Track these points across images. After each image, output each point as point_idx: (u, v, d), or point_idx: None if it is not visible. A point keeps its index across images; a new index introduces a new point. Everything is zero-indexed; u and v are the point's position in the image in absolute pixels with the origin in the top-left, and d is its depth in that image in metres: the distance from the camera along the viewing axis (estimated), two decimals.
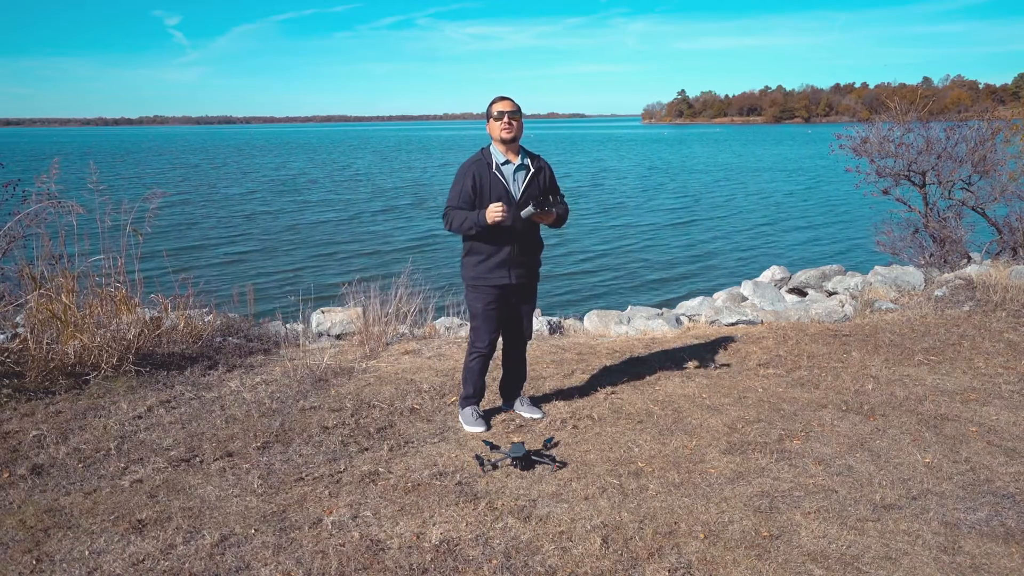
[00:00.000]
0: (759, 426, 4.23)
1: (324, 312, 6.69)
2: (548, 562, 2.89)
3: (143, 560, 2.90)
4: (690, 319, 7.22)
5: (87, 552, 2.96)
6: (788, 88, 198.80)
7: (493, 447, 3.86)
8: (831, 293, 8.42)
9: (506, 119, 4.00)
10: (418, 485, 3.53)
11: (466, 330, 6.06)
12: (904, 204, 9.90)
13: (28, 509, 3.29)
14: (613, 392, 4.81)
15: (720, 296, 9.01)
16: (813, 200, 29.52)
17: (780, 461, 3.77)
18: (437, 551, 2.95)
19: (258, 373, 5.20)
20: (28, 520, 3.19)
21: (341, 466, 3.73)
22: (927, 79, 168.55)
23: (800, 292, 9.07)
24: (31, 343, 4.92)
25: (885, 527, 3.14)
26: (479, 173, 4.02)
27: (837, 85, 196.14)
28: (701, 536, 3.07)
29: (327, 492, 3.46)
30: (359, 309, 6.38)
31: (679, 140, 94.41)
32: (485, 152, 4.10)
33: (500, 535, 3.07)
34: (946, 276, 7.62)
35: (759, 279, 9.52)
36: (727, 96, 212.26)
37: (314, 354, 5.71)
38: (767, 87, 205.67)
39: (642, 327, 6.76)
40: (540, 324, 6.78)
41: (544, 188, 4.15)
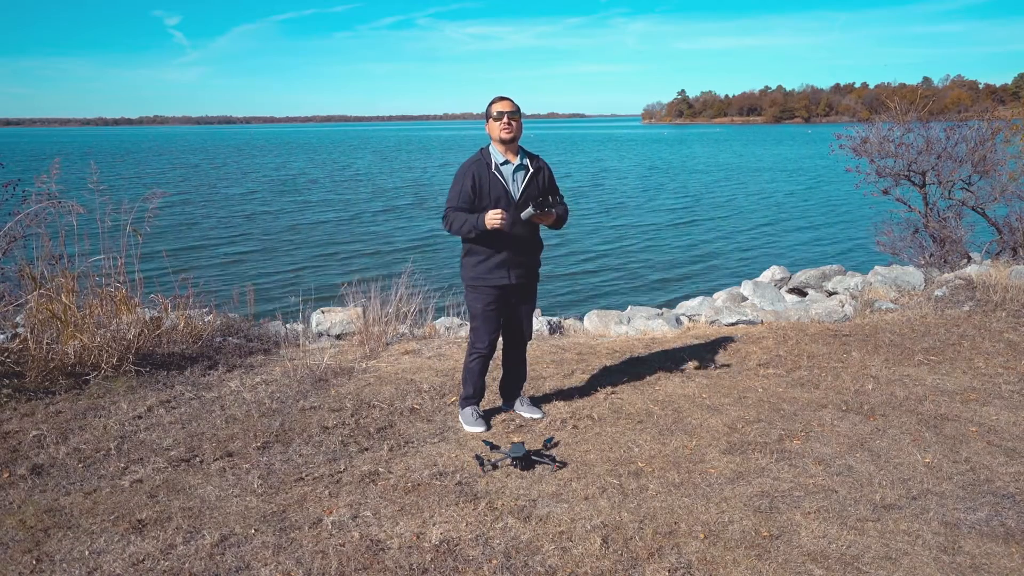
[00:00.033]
0: (759, 426, 4.23)
1: (324, 312, 6.70)
2: (548, 562, 2.89)
3: (143, 560, 2.90)
4: (690, 319, 7.22)
5: (87, 552, 2.96)
6: (788, 88, 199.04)
7: (493, 447, 3.86)
8: (831, 293, 8.42)
9: (505, 119, 4.00)
10: (418, 485, 3.53)
11: (466, 330, 6.06)
12: (904, 204, 9.91)
13: (28, 509, 3.29)
14: (613, 392, 4.81)
15: (720, 296, 9.01)
16: (813, 200, 29.51)
17: (780, 461, 3.77)
18: (437, 551, 2.95)
19: (258, 373, 5.20)
20: (28, 520, 3.20)
21: (341, 466, 3.73)
22: (927, 79, 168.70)
23: (800, 292, 9.07)
24: (31, 343, 4.92)
25: (885, 527, 3.14)
26: (479, 173, 4.02)
27: (837, 85, 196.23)
28: (701, 536, 3.07)
29: (327, 492, 3.46)
30: (359, 309, 6.38)
31: (679, 140, 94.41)
32: (484, 152, 4.10)
33: (500, 535, 3.07)
34: (946, 276, 7.62)
35: (759, 279, 9.53)
36: (727, 96, 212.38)
37: (314, 354, 5.71)
38: (767, 87, 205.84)
39: (642, 327, 6.77)
40: (540, 324, 6.78)
41: (543, 188, 4.15)
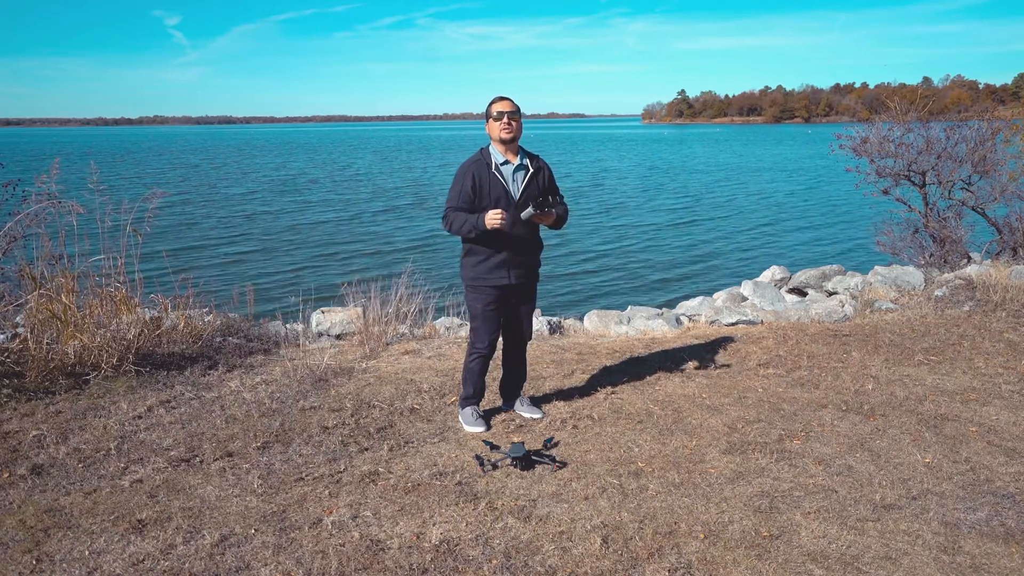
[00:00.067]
0: (759, 426, 4.23)
1: (324, 312, 6.69)
2: (548, 562, 2.89)
3: (143, 560, 2.90)
4: (690, 319, 7.22)
5: (87, 552, 2.96)
6: (788, 88, 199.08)
7: (493, 447, 3.86)
8: (831, 293, 8.42)
9: (505, 119, 3.99)
10: (418, 485, 3.53)
11: (466, 330, 6.06)
12: (904, 204, 9.91)
13: (28, 509, 3.29)
14: (613, 392, 4.81)
15: (720, 296, 9.01)
16: (814, 200, 29.51)
17: (780, 461, 3.77)
18: (437, 551, 2.95)
19: (258, 373, 5.20)
20: (28, 520, 3.20)
21: (341, 466, 3.73)
22: (927, 79, 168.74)
23: (800, 292, 9.07)
24: (31, 343, 4.92)
25: (885, 527, 3.14)
26: (478, 173, 4.02)
27: (837, 85, 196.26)
28: (701, 536, 3.07)
29: (327, 492, 3.46)
30: (359, 309, 6.38)
31: (679, 140, 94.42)
32: (484, 152, 4.09)
33: (500, 535, 3.07)
34: (946, 276, 7.62)
35: (759, 279, 9.52)
36: (727, 96, 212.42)
37: (314, 354, 5.71)
38: (767, 87, 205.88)
39: (642, 327, 6.76)
40: (540, 324, 6.78)
41: (543, 188, 4.14)
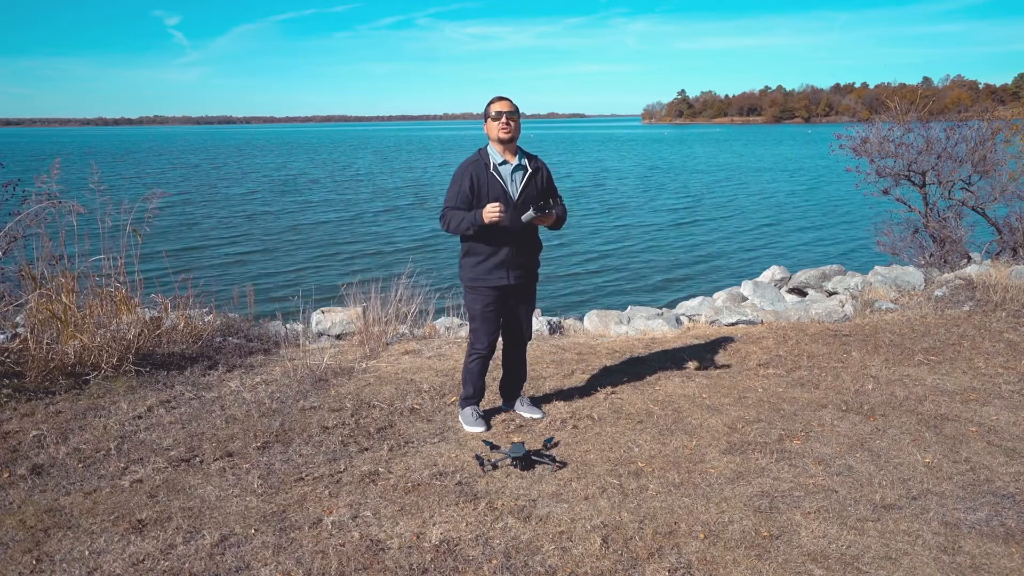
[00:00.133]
0: (759, 426, 4.23)
1: (324, 312, 6.69)
2: (548, 562, 2.89)
3: (143, 560, 2.90)
4: (690, 319, 7.22)
5: (87, 552, 2.96)
6: (788, 88, 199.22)
7: (493, 447, 3.86)
8: (831, 293, 8.42)
9: (504, 119, 3.98)
10: (418, 485, 3.53)
11: (466, 330, 6.06)
12: (904, 204, 9.91)
13: (28, 509, 3.29)
14: (613, 392, 4.81)
15: (720, 296, 9.01)
16: (814, 200, 29.51)
17: (780, 461, 3.77)
18: (437, 551, 2.95)
19: (258, 373, 5.20)
20: (28, 520, 3.20)
21: (341, 466, 3.73)
22: (927, 79, 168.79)
23: (800, 292, 9.07)
24: (31, 343, 4.92)
25: (885, 527, 3.14)
26: (477, 173, 4.01)
27: (837, 85, 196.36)
28: (701, 536, 3.07)
29: (327, 492, 3.46)
30: (359, 309, 6.39)
31: (679, 140, 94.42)
32: (483, 152, 4.08)
33: (500, 535, 3.07)
34: (946, 276, 7.62)
35: (759, 279, 9.52)
36: (727, 96, 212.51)
37: (314, 354, 5.71)
38: (767, 87, 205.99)
39: (642, 327, 6.76)
40: (540, 324, 6.78)
41: (542, 189, 4.13)
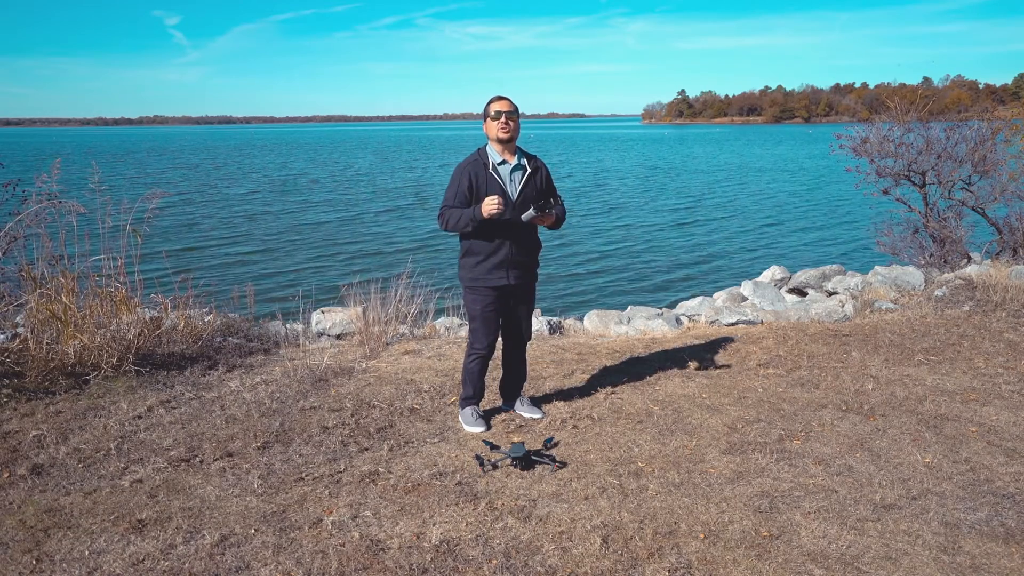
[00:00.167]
0: (759, 426, 4.23)
1: (324, 312, 6.69)
2: (548, 562, 2.89)
3: (143, 560, 2.90)
4: (690, 319, 7.22)
5: (87, 552, 2.96)
6: (788, 88, 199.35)
7: (493, 447, 3.86)
8: (831, 293, 8.42)
9: (503, 119, 3.97)
10: (418, 485, 3.53)
11: (466, 330, 6.06)
12: (904, 204, 9.91)
13: (28, 509, 3.29)
14: (613, 392, 4.80)
15: (720, 296, 9.01)
16: (815, 200, 29.50)
17: (780, 461, 3.77)
18: (437, 551, 2.95)
19: (258, 373, 5.20)
20: (28, 520, 3.20)
21: (341, 466, 3.73)
22: (927, 79, 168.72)
23: (800, 292, 9.07)
24: (31, 343, 4.92)
25: (885, 527, 3.14)
26: (475, 173, 4.00)
27: (837, 85, 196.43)
28: (701, 536, 3.07)
29: (327, 492, 3.46)
30: (359, 309, 6.38)
31: (680, 140, 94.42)
32: (482, 152, 4.08)
33: (500, 535, 3.07)
34: (946, 276, 7.62)
35: (759, 279, 9.52)
36: (727, 96, 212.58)
37: (314, 354, 5.71)
38: (767, 87, 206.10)
39: (642, 327, 6.76)
40: (540, 324, 6.78)
41: (541, 189, 4.12)
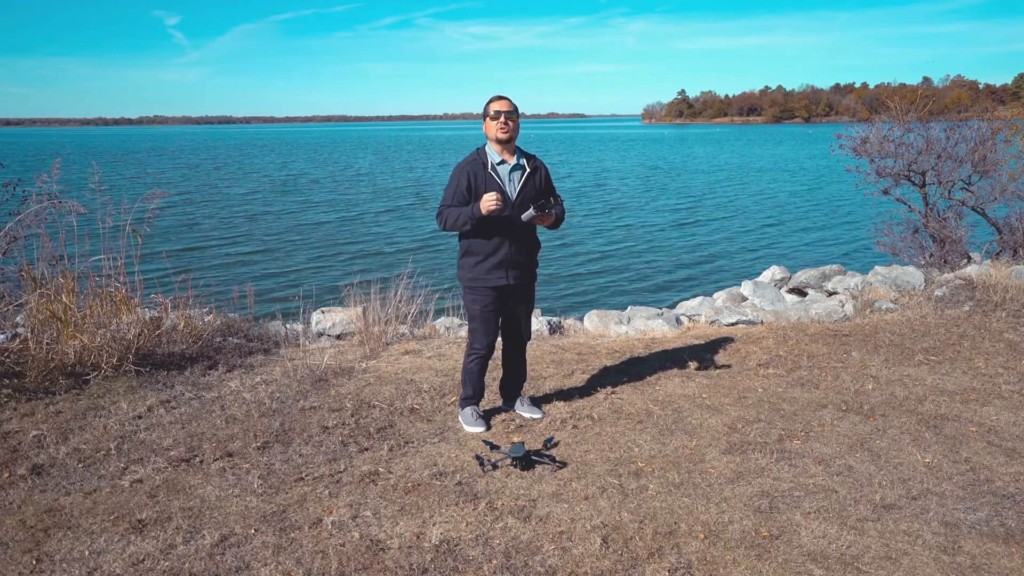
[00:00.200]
0: (759, 426, 4.23)
1: (324, 312, 6.69)
2: (548, 562, 2.89)
3: (143, 560, 2.90)
4: (690, 319, 7.22)
5: (87, 552, 2.96)
6: (788, 88, 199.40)
7: (493, 447, 3.86)
8: (831, 293, 8.42)
9: (503, 119, 3.96)
10: (418, 485, 3.53)
11: (466, 330, 6.06)
12: (904, 204, 9.91)
13: (28, 509, 3.29)
14: (613, 392, 4.80)
15: (720, 296, 9.01)
16: (816, 200, 29.49)
17: (780, 461, 3.77)
18: (437, 551, 2.95)
19: (258, 373, 5.20)
20: (28, 520, 3.20)
21: (341, 466, 3.73)
22: (927, 79, 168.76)
23: (800, 292, 9.07)
24: (31, 343, 4.92)
25: (885, 527, 3.14)
26: (474, 173, 3.99)
27: (837, 85, 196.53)
28: (701, 536, 3.07)
29: (327, 492, 3.46)
30: (359, 309, 6.39)
31: (680, 140, 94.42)
32: (481, 152, 4.07)
33: (500, 535, 3.07)
34: (946, 276, 7.62)
35: (759, 279, 9.52)
36: (727, 96, 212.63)
37: (314, 354, 5.71)
38: (767, 87, 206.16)
39: (642, 327, 6.76)
40: (540, 324, 6.78)
41: (540, 189, 4.11)
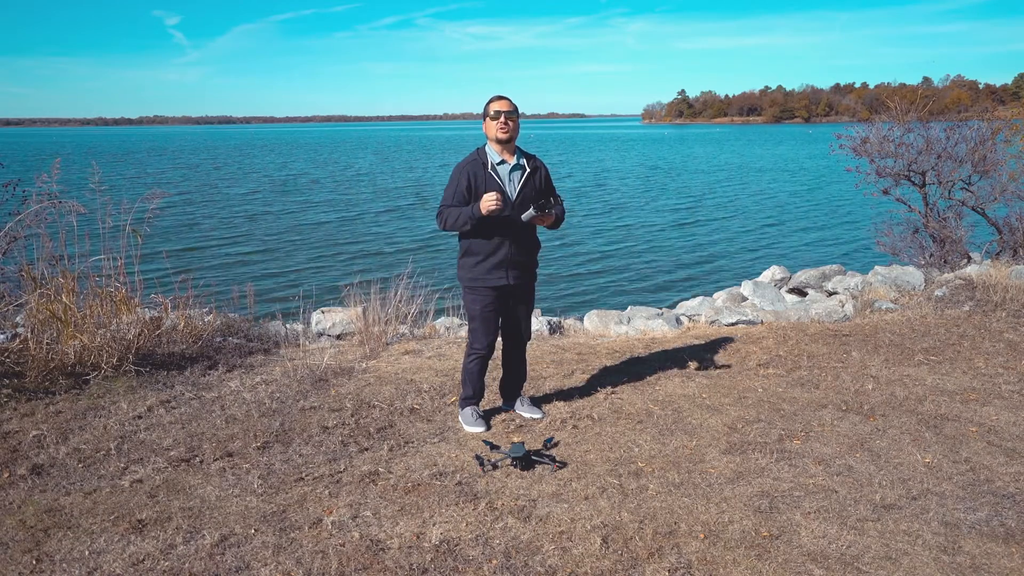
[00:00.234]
0: (759, 426, 4.23)
1: (324, 312, 6.69)
2: (548, 562, 2.89)
3: (143, 560, 2.90)
4: (690, 319, 7.22)
5: (87, 552, 2.96)
6: (788, 88, 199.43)
7: (493, 447, 3.86)
8: (831, 293, 8.42)
9: (503, 119, 3.95)
10: (418, 485, 3.53)
11: (466, 330, 6.06)
12: (904, 204, 9.91)
13: (28, 509, 3.29)
14: (613, 392, 4.80)
15: (720, 296, 9.01)
16: (816, 200, 29.49)
17: (780, 461, 3.77)
18: (437, 551, 2.95)
19: (258, 373, 5.20)
20: (28, 520, 3.20)
21: (341, 466, 3.73)
22: (927, 79, 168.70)
23: (800, 292, 9.07)
24: (31, 343, 4.92)
25: (885, 527, 3.14)
26: (474, 173, 3.98)
27: (837, 85, 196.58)
28: (701, 536, 3.07)
29: (327, 492, 3.46)
30: (359, 309, 6.38)
31: (680, 140, 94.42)
32: (480, 152, 4.06)
33: (500, 535, 3.07)
34: (946, 276, 7.62)
35: (759, 279, 9.52)
36: (727, 96, 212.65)
37: (314, 354, 5.71)
38: (767, 87, 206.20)
39: (642, 327, 6.76)
40: (540, 324, 6.78)
41: (540, 189, 4.11)
